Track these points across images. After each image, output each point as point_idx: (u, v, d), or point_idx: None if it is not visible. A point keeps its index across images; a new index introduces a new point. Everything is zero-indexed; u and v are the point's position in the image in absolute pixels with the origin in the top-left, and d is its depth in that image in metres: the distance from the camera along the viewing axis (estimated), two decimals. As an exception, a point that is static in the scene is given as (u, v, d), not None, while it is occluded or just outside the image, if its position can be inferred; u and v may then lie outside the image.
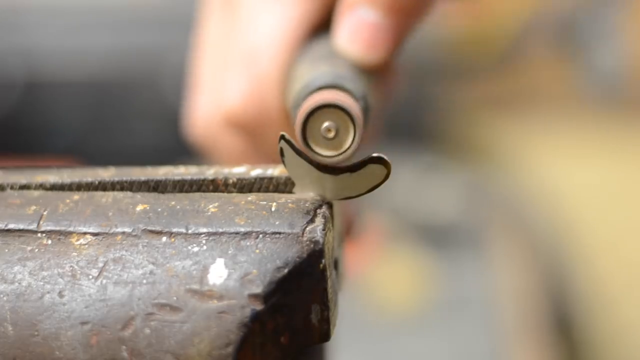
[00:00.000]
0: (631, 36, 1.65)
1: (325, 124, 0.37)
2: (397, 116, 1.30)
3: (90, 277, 0.36)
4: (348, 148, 0.37)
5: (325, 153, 0.37)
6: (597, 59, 1.61)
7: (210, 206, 0.37)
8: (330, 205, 0.38)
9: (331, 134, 0.37)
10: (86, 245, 0.37)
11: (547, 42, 1.63)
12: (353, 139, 0.37)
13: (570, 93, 1.66)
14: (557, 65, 1.66)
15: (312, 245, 0.36)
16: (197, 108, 0.55)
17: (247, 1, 0.51)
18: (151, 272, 0.36)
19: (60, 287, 0.36)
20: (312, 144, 0.37)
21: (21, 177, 0.40)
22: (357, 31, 0.47)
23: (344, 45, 0.47)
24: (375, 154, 0.37)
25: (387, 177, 0.37)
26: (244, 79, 0.50)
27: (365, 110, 0.41)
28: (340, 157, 0.37)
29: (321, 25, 0.51)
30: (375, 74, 0.47)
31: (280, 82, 0.49)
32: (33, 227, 0.38)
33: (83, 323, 0.36)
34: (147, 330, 0.35)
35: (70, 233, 0.37)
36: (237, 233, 0.36)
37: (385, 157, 0.37)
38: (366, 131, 0.41)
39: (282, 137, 0.37)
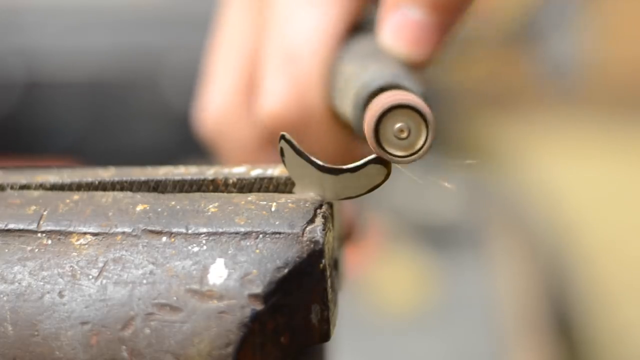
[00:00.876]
0: (591, 28, 1.65)
1: (398, 125, 0.37)
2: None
3: (90, 277, 0.36)
4: (421, 148, 0.37)
5: (398, 153, 0.37)
6: (555, 50, 1.61)
7: (210, 206, 0.37)
8: (330, 205, 0.38)
9: (404, 135, 0.37)
10: (86, 245, 0.37)
11: (508, 34, 1.63)
12: (426, 139, 0.37)
13: (554, 93, 1.66)
14: (515, 56, 1.65)
15: (312, 245, 0.36)
16: (211, 97, 0.55)
17: (284, 1, 0.51)
18: (151, 272, 0.36)
19: (60, 287, 0.36)
20: (385, 144, 0.37)
21: (21, 177, 0.40)
22: (402, 29, 0.47)
23: (390, 43, 0.47)
24: (375, 155, 0.37)
25: (387, 177, 0.37)
26: (284, 79, 0.50)
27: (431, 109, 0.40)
28: (413, 157, 0.37)
29: (357, 24, 0.51)
30: (421, 71, 0.47)
31: (322, 81, 0.49)
32: (33, 227, 0.38)
33: (83, 323, 0.36)
34: (147, 330, 0.35)
35: (70, 233, 0.37)
36: (237, 233, 0.36)
37: (385, 158, 0.37)
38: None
39: (282, 137, 0.37)
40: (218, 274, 0.36)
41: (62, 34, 1.29)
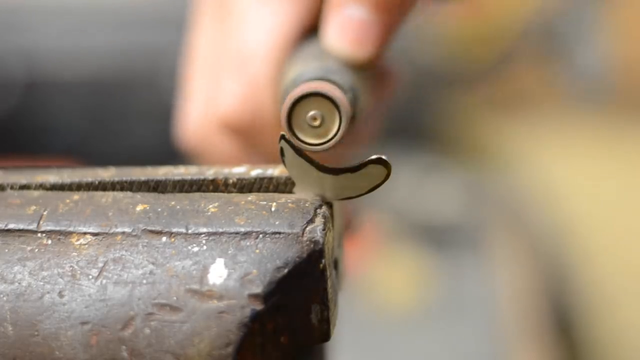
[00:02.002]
0: (613, 34, 1.65)
1: (311, 113, 0.37)
2: (398, 117, 1.30)
3: (90, 277, 0.36)
4: (334, 136, 0.37)
5: (311, 141, 0.37)
6: (579, 58, 1.62)
7: (210, 206, 0.37)
8: (330, 205, 0.38)
9: (317, 122, 0.37)
10: (86, 245, 0.37)
11: (532, 44, 1.64)
12: (339, 127, 0.37)
13: (555, 93, 1.66)
14: (541, 66, 1.66)
15: (312, 245, 0.36)
16: (189, 113, 0.56)
17: (239, 6, 0.51)
18: (151, 272, 0.36)
19: (60, 287, 0.36)
20: (298, 131, 0.37)
21: (21, 177, 0.40)
22: (345, 28, 0.47)
23: (333, 42, 0.48)
24: (375, 155, 0.37)
25: (387, 177, 0.37)
26: (237, 83, 0.50)
27: (354, 102, 0.41)
28: (326, 145, 0.37)
29: (312, 28, 0.51)
30: (366, 71, 0.48)
31: (273, 84, 0.50)
32: (33, 227, 0.38)
33: (83, 323, 0.36)
34: (147, 330, 0.35)
35: (70, 233, 0.37)
36: (237, 233, 0.36)
37: (386, 158, 0.37)
38: (357, 126, 0.41)
39: (283, 137, 0.37)
40: (218, 274, 0.36)
41: (62, 34, 1.29)
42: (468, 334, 1.07)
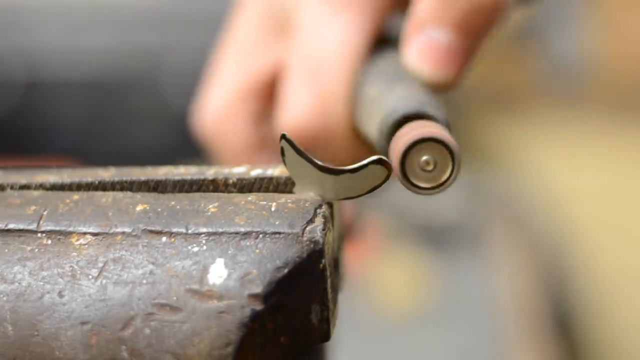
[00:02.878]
0: (593, 26, 1.65)
1: (424, 158, 0.37)
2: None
3: (90, 277, 0.36)
4: (447, 180, 0.37)
5: (424, 185, 0.37)
6: (556, 51, 1.61)
7: (210, 206, 0.37)
8: (330, 205, 0.38)
9: (430, 167, 0.37)
10: (86, 245, 0.37)
11: (514, 41, 1.63)
12: (452, 172, 0.37)
13: (544, 92, 1.66)
14: (525, 63, 1.66)
15: (312, 245, 0.36)
16: (212, 96, 0.56)
17: (309, 15, 0.51)
18: (151, 272, 0.36)
19: (60, 287, 0.36)
20: (411, 176, 0.37)
21: (21, 177, 0.40)
22: (427, 51, 0.47)
23: (414, 64, 0.47)
24: (376, 156, 0.37)
25: (387, 178, 0.37)
26: (308, 92, 0.50)
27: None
28: (439, 189, 0.37)
29: (383, 36, 0.51)
30: (445, 93, 0.47)
31: (346, 97, 0.49)
32: (33, 227, 0.38)
33: (83, 323, 0.36)
34: (147, 330, 0.35)
35: (70, 233, 0.37)
36: (237, 233, 0.36)
37: (386, 159, 0.37)
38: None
39: (283, 137, 0.37)
40: (218, 274, 0.36)
41: (62, 34, 1.29)
42: (468, 334, 1.07)
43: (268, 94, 0.55)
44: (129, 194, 0.39)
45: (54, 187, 0.40)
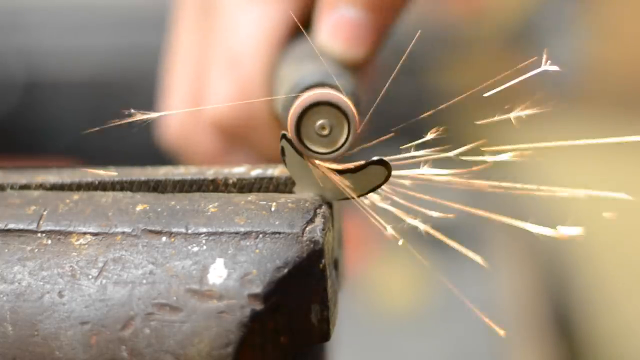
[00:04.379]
0: (589, 31, 1.65)
1: (320, 122, 0.37)
2: (397, 117, 1.30)
3: (90, 277, 0.36)
4: (343, 145, 0.37)
5: (320, 150, 0.37)
6: (554, 54, 1.61)
7: (210, 206, 0.37)
8: (330, 205, 0.38)
9: (325, 131, 0.37)
10: (86, 245, 0.37)
11: (509, 41, 1.63)
12: (347, 136, 0.37)
13: (541, 92, 1.66)
14: (515, 59, 1.66)
15: (311, 245, 0.36)
16: (170, 110, 0.56)
17: (227, 7, 0.52)
18: (151, 272, 0.36)
19: (60, 287, 0.36)
20: (307, 141, 0.37)
21: (21, 177, 0.40)
22: (339, 28, 0.48)
23: (327, 43, 0.48)
24: (376, 157, 0.37)
25: (387, 178, 0.37)
26: (228, 83, 0.51)
27: (356, 106, 0.41)
28: (335, 153, 0.37)
29: (301, 25, 0.51)
30: (359, 69, 0.48)
31: (264, 83, 0.50)
32: (33, 227, 0.38)
33: (83, 323, 0.36)
34: (147, 330, 0.35)
35: (70, 233, 0.37)
36: (237, 233, 0.36)
37: (386, 160, 0.37)
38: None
39: (284, 136, 0.37)
40: (218, 273, 0.36)
41: (62, 34, 1.29)
42: (468, 334, 1.07)
43: (201, 93, 0.55)
44: (129, 194, 0.39)
45: (54, 187, 0.40)
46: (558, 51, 1.62)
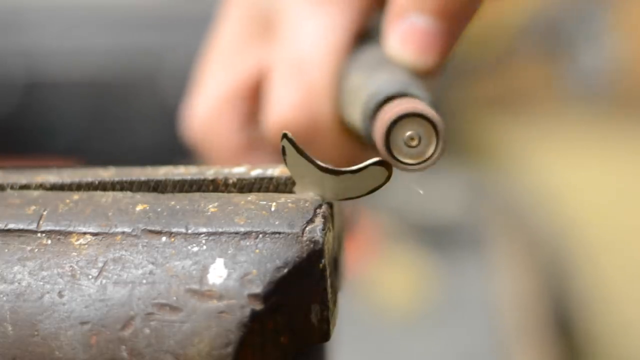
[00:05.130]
0: (619, 34, 1.65)
1: (408, 133, 0.37)
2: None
3: (90, 277, 0.36)
4: (432, 155, 0.37)
5: (409, 161, 0.37)
6: (583, 58, 1.62)
7: (210, 206, 0.37)
8: (330, 205, 0.38)
9: (414, 142, 0.37)
10: (86, 245, 0.37)
11: (535, 43, 1.64)
12: (436, 147, 0.37)
13: (558, 93, 1.66)
14: (544, 65, 1.66)
15: (311, 245, 0.36)
16: (199, 100, 0.56)
17: (291, 14, 0.52)
18: (151, 272, 0.36)
19: (60, 287, 0.36)
20: (396, 152, 0.37)
21: (21, 177, 0.40)
22: (410, 37, 0.48)
23: (397, 51, 0.48)
24: (377, 157, 0.37)
25: (388, 179, 0.37)
26: (293, 89, 0.50)
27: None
28: (424, 164, 0.37)
29: (365, 31, 0.51)
30: (428, 78, 0.48)
31: (330, 91, 0.50)
32: (33, 227, 0.38)
33: (83, 323, 0.36)
34: (147, 330, 0.35)
35: (70, 233, 0.37)
36: (236, 233, 0.36)
37: (387, 160, 0.37)
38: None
39: (284, 136, 0.37)
40: (218, 273, 0.36)
41: (62, 34, 1.29)
42: (468, 334, 1.07)
43: (255, 95, 0.55)
44: (128, 194, 0.39)
45: (54, 187, 0.40)
46: (586, 54, 1.62)
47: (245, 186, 0.39)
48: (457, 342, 1.07)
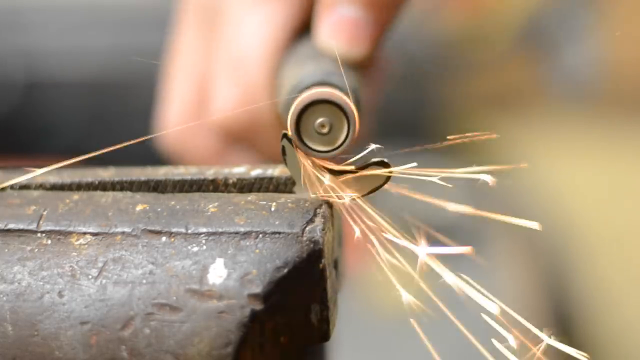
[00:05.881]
0: (604, 34, 1.65)
1: (319, 120, 0.37)
2: (398, 116, 1.30)
3: (90, 277, 0.36)
4: (343, 142, 0.37)
5: (320, 148, 0.37)
6: (569, 58, 1.62)
7: (210, 206, 0.37)
8: (330, 205, 0.38)
9: (325, 130, 0.37)
10: (86, 245, 0.37)
11: (522, 43, 1.64)
12: (347, 134, 0.37)
13: (550, 93, 1.66)
14: (529, 65, 1.66)
15: (311, 245, 0.36)
16: (169, 115, 0.57)
17: (231, 10, 0.52)
18: (151, 272, 0.36)
19: (60, 287, 0.36)
20: (307, 140, 0.37)
21: (21, 177, 0.40)
22: (339, 27, 0.48)
23: (327, 43, 0.48)
24: (377, 158, 0.37)
25: (387, 180, 0.37)
26: (233, 86, 0.51)
27: (357, 104, 0.41)
28: (334, 152, 0.37)
29: (302, 29, 0.52)
30: (361, 68, 0.48)
31: (268, 86, 0.50)
32: (33, 227, 0.38)
33: (83, 323, 0.36)
34: (147, 330, 0.35)
35: (70, 233, 0.37)
36: (236, 233, 0.36)
37: (387, 161, 0.37)
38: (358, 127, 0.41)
39: (285, 136, 0.37)
40: (218, 273, 0.36)
41: (62, 34, 1.29)
42: (468, 334, 1.07)
43: (205, 98, 0.56)
44: (128, 194, 0.39)
45: (54, 187, 0.40)
46: (570, 54, 1.62)
47: (245, 186, 0.39)
48: (457, 342, 1.07)
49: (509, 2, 1.65)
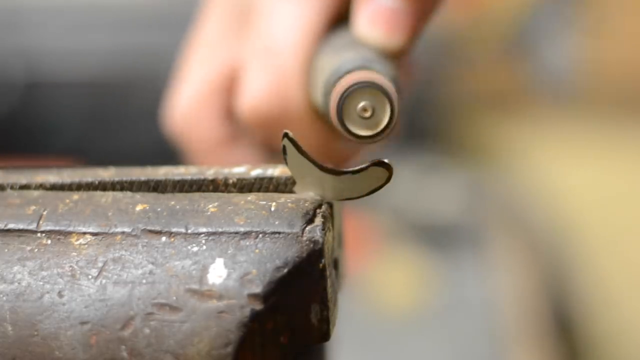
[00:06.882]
0: (584, 33, 1.65)
1: (362, 104, 0.37)
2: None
3: (90, 277, 0.36)
4: (386, 127, 0.37)
5: (362, 133, 0.37)
6: (548, 57, 1.62)
7: (210, 206, 0.37)
8: (330, 205, 0.38)
9: (367, 114, 0.37)
10: (86, 245, 0.37)
11: (503, 42, 1.64)
12: (390, 118, 0.37)
13: (540, 93, 1.67)
14: (511, 64, 1.66)
15: (311, 245, 0.36)
16: (182, 94, 0.56)
17: (265, 3, 0.52)
18: (151, 272, 0.36)
19: (60, 287, 0.36)
20: (349, 124, 0.37)
21: (21, 177, 0.40)
22: (377, 17, 0.48)
23: (365, 32, 0.48)
24: (377, 158, 0.37)
25: (388, 180, 0.37)
26: (265, 74, 0.51)
27: (398, 91, 0.41)
28: (378, 137, 0.37)
29: (338, 18, 0.51)
30: (397, 60, 0.48)
31: (302, 75, 0.50)
32: (33, 227, 0.38)
33: (82, 323, 0.36)
34: (147, 330, 0.35)
35: (70, 233, 0.37)
36: (236, 233, 0.36)
37: (388, 161, 0.37)
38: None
39: (285, 135, 0.37)
40: (217, 273, 0.36)
41: (62, 34, 1.29)
42: (468, 334, 1.07)
43: (235, 88, 0.55)
44: (128, 194, 0.39)
45: (54, 187, 0.40)
46: (553, 53, 1.62)
47: (245, 186, 0.39)
48: (457, 342, 1.07)
49: (503, 3, 1.65)
